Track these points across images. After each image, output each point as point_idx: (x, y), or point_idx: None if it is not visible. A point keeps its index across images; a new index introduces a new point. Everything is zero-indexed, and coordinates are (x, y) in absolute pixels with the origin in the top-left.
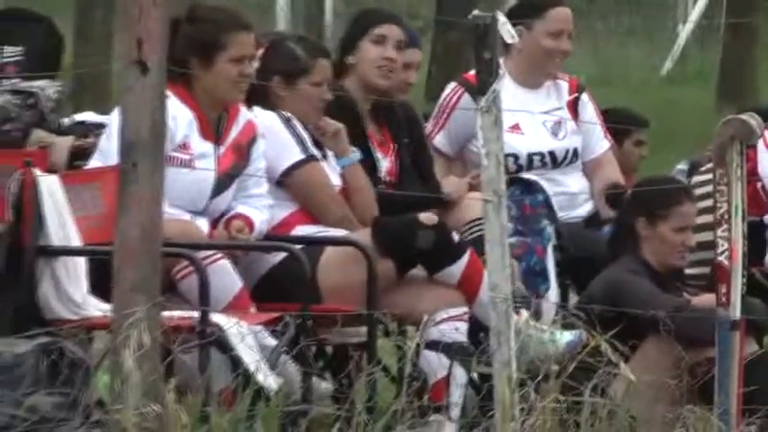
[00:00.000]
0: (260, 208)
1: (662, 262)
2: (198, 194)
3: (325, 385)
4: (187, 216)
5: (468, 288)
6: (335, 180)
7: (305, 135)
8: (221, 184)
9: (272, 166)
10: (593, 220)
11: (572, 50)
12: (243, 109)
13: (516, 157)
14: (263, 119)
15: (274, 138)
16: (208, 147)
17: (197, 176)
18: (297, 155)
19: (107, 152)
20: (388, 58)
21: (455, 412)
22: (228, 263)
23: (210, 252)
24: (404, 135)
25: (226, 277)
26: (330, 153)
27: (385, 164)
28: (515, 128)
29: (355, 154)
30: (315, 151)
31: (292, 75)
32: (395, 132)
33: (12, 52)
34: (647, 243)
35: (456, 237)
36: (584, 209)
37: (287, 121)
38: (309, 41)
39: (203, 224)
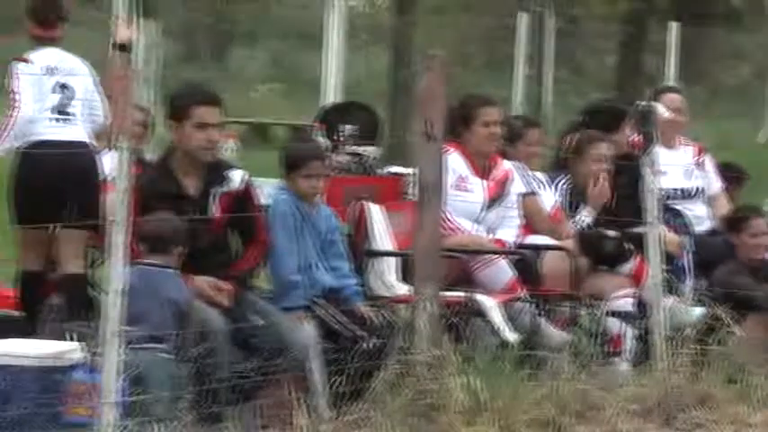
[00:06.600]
0: (511, 229)
1: (753, 259)
2: (474, 211)
3: (559, 334)
4: (470, 225)
5: (637, 278)
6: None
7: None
8: (489, 204)
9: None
10: (713, 234)
11: (697, 127)
12: (501, 161)
13: (662, 190)
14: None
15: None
16: (478, 181)
17: (474, 199)
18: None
19: None
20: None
21: (627, 356)
22: (505, 262)
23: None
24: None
25: (503, 271)
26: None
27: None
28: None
29: None
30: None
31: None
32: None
33: (349, 129)
34: (739, 249)
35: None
36: (706, 226)
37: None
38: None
39: (483, 232)
